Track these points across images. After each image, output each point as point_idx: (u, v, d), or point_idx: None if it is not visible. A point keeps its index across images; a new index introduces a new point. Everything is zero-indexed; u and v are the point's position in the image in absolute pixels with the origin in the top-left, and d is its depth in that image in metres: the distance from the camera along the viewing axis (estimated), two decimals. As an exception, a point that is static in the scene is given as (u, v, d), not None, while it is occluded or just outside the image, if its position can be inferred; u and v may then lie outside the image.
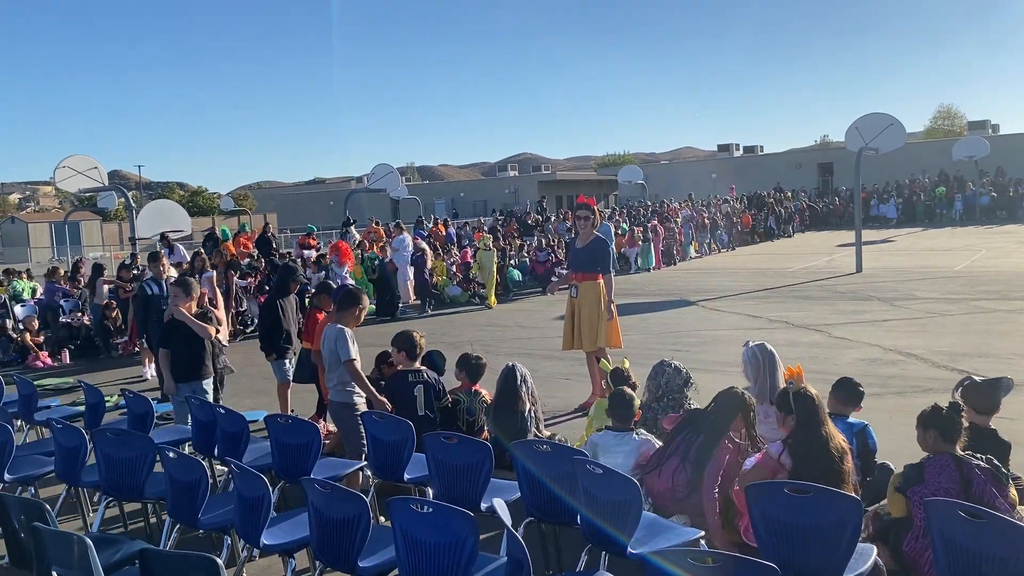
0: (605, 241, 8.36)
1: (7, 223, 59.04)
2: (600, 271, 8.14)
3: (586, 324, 8.11)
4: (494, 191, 63.68)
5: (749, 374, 5.61)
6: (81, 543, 3.39)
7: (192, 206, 60.88)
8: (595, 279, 8.13)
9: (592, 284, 8.12)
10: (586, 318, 8.11)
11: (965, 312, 12.89)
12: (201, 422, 6.07)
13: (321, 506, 3.99)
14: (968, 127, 56.14)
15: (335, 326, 6.00)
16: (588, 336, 8.12)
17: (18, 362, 12.89)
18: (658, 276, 21.22)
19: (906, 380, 8.79)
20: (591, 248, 8.18)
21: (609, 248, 8.43)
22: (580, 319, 8.15)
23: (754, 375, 5.57)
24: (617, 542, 4.03)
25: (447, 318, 15.83)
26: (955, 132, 62.34)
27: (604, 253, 8.21)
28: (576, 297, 8.20)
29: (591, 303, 8.10)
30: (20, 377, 7.78)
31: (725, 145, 65.76)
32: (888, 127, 19.46)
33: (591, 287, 8.13)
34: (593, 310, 8.09)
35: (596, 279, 8.13)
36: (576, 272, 8.29)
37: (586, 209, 8.34)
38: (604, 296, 8.10)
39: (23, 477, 5.60)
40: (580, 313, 8.16)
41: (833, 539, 3.60)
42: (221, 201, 67.13)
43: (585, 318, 8.12)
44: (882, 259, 21.34)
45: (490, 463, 4.68)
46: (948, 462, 4.07)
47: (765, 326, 12.54)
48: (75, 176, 18.11)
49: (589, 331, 8.10)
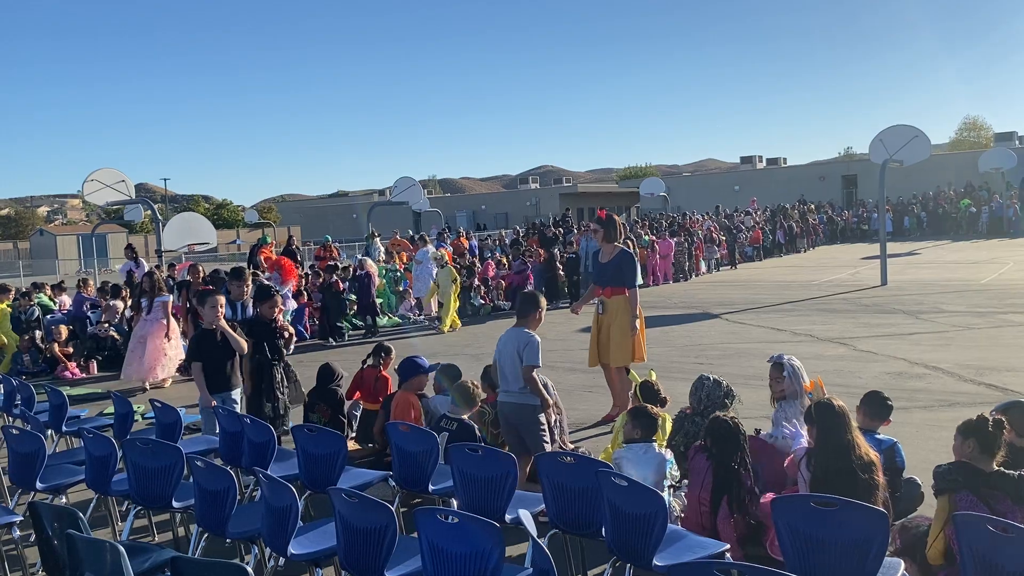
0: (631, 254, 8.29)
1: (35, 236, 59.91)
2: (626, 285, 8.06)
3: (616, 339, 7.99)
4: (516, 203, 63.82)
5: (796, 384, 5.69)
6: (114, 550, 3.44)
7: (217, 219, 61.54)
8: (622, 293, 8.06)
9: (620, 299, 8.05)
10: (616, 333, 7.99)
11: (992, 325, 12.75)
12: (229, 432, 6.13)
13: (348, 516, 4.03)
14: (994, 138, 55.57)
15: (522, 331, 6.06)
16: (619, 352, 7.99)
17: (47, 372, 13.07)
18: (680, 289, 21.14)
19: (932, 394, 8.71)
20: (617, 262, 8.09)
21: (635, 261, 8.36)
22: (609, 334, 8.03)
23: (800, 385, 5.67)
24: (642, 554, 4.03)
25: (470, 330, 15.86)
26: (981, 144, 61.75)
27: (630, 266, 8.12)
28: (604, 313, 8.10)
29: (620, 318, 8.00)
30: (51, 387, 7.89)
31: (748, 157, 65.54)
32: (913, 139, 19.31)
33: (619, 301, 8.04)
34: (623, 325, 7.98)
35: (623, 292, 8.06)
36: (603, 287, 8.20)
37: (596, 222, 8.30)
38: (630, 310, 7.99)
39: (54, 486, 5.68)
40: (609, 328, 8.04)
41: (860, 553, 3.58)
42: (245, 214, 67.75)
43: (615, 333, 7.99)
44: (907, 272, 21.16)
45: (515, 474, 4.70)
46: (973, 502, 3.99)
47: (790, 339, 12.47)
48: (103, 189, 18.39)
49: (620, 346, 7.98)
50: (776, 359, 5.90)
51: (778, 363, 5.85)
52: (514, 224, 42.53)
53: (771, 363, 5.94)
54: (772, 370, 5.92)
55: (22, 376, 11.57)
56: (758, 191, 44.41)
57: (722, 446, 4.76)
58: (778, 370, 5.83)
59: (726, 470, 4.69)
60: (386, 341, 8.27)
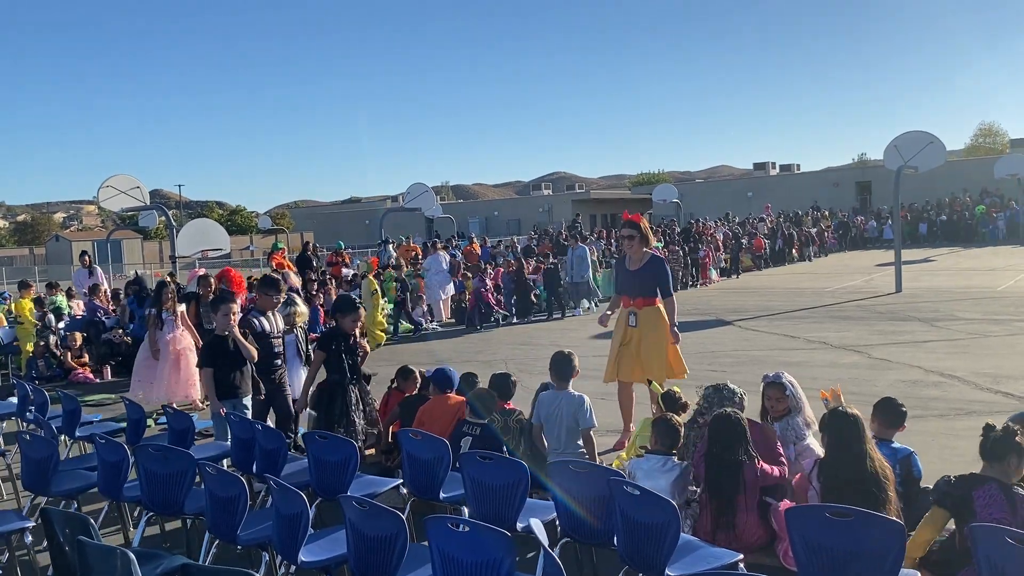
0: (663, 260, 7.81)
1: (51, 241, 60.40)
2: (663, 294, 7.51)
3: (652, 353, 7.40)
4: (528, 210, 63.87)
5: (800, 397, 5.54)
6: (124, 557, 3.43)
7: (231, 225, 61.89)
8: (654, 303, 7.48)
9: (653, 309, 7.47)
10: (652, 346, 7.40)
11: (1009, 333, 12.64)
12: (240, 439, 6.14)
13: (358, 523, 4.01)
14: (1010, 144, 55.23)
15: (571, 394, 6.07)
16: (655, 366, 7.38)
17: (61, 378, 13.14)
18: (693, 296, 21.05)
19: (948, 402, 8.63)
20: (650, 269, 7.50)
21: (668, 268, 7.77)
22: (639, 349, 7.43)
23: (801, 397, 5.54)
24: (655, 564, 4.00)
25: (482, 335, 15.85)
26: (996, 150, 61.38)
27: (664, 273, 7.54)
28: (636, 326, 7.47)
29: (656, 329, 7.42)
30: (64, 393, 7.93)
31: (761, 163, 65.41)
32: (928, 145, 19.18)
33: (653, 312, 7.47)
34: (659, 337, 7.42)
35: (654, 303, 7.49)
36: (633, 297, 7.57)
37: (630, 227, 7.58)
38: (666, 321, 7.44)
39: (66, 491, 5.69)
40: (640, 343, 7.43)
41: (875, 565, 3.54)
42: (259, 220, 68.10)
43: (650, 346, 7.40)
44: (922, 279, 21.02)
45: (526, 483, 4.67)
46: (995, 492, 3.97)
47: (803, 346, 12.39)
48: (118, 195, 18.45)
49: (657, 361, 7.40)
50: (773, 378, 5.56)
51: (778, 383, 5.51)
52: (527, 231, 42.55)
53: (767, 383, 5.58)
54: (770, 390, 5.53)
55: (36, 381, 11.64)
56: (771, 198, 44.25)
57: (725, 443, 4.70)
58: (779, 389, 5.48)
59: (733, 466, 4.65)
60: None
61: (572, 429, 5.97)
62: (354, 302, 7.43)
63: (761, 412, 5.58)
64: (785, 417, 5.47)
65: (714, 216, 35.47)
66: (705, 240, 25.24)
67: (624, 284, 7.76)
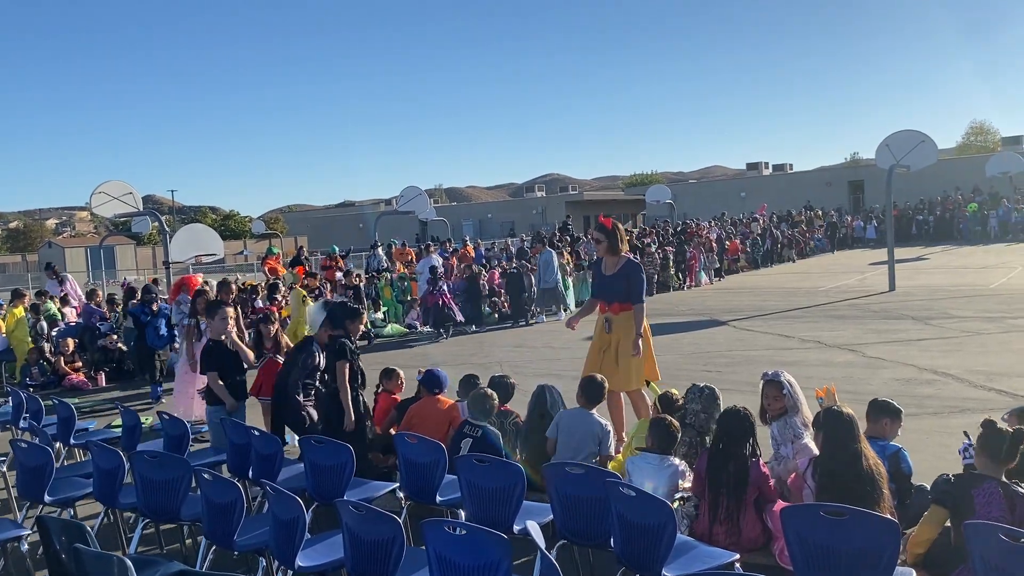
0: (638, 265, 7.61)
1: (44, 248, 60.23)
2: (631, 299, 7.29)
3: (626, 360, 7.19)
4: (522, 212, 63.92)
5: (798, 396, 5.51)
6: (121, 564, 3.43)
7: (224, 230, 61.69)
8: (630, 308, 7.29)
9: (629, 314, 7.28)
10: (626, 353, 7.19)
11: (1003, 331, 12.69)
12: (236, 444, 6.13)
13: (355, 528, 4.02)
14: (1002, 143, 55.44)
15: (595, 419, 5.99)
16: (632, 374, 7.22)
17: (55, 384, 13.11)
18: (688, 296, 21.10)
19: (942, 400, 8.67)
20: (625, 274, 7.33)
21: (643, 273, 7.58)
22: (616, 355, 7.24)
23: (799, 397, 5.53)
24: (651, 565, 4.01)
25: (476, 338, 15.85)
26: (988, 148, 61.60)
27: (637, 279, 7.33)
28: (611, 332, 7.31)
29: (630, 335, 7.22)
30: (59, 400, 7.91)
31: (754, 163, 65.56)
32: (919, 144, 19.25)
33: (627, 317, 7.27)
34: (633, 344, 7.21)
35: (631, 308, 7.30)
36: (609, 302, 7.39)
37: (599, 231, 7.50)
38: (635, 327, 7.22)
39: (62, 499, 5.68)
40: (617, 349, 7.25)
41: (870, 563, 3.56)
42: (253, 224, 67.93)
43: (626, 353, 7.20)
44: (916, 277, 21.09)
45: (522, 485, 4.68)
46: (995, 490, 3.98)
47: (798, 346, 12.43)
48: (111, 201, 18.41)
49: (635, 366, 7.21)
50: (772, 376, 5.52)
51: (776, 381, 5.46)
52: (520, 232, 42.57)
53: (765, 381, 5.54)
54: (768, 388, 5.49)
55: (30, 388, 11.60)
56: (765, 198, 44.32)
57: (735, 438, 4.72)
58: (777, 388, 5.44)
59: (741, 461, 4.66)
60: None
61: (591, 453, 5.88)
62: (356, 307, 7.43)
63: (760, 411, 5.59)
64: (783, 416, 5.47)
65: (707, 217, 35.54)
66: (694, 241, 25.08)
67: (599, 288, 7.66)
